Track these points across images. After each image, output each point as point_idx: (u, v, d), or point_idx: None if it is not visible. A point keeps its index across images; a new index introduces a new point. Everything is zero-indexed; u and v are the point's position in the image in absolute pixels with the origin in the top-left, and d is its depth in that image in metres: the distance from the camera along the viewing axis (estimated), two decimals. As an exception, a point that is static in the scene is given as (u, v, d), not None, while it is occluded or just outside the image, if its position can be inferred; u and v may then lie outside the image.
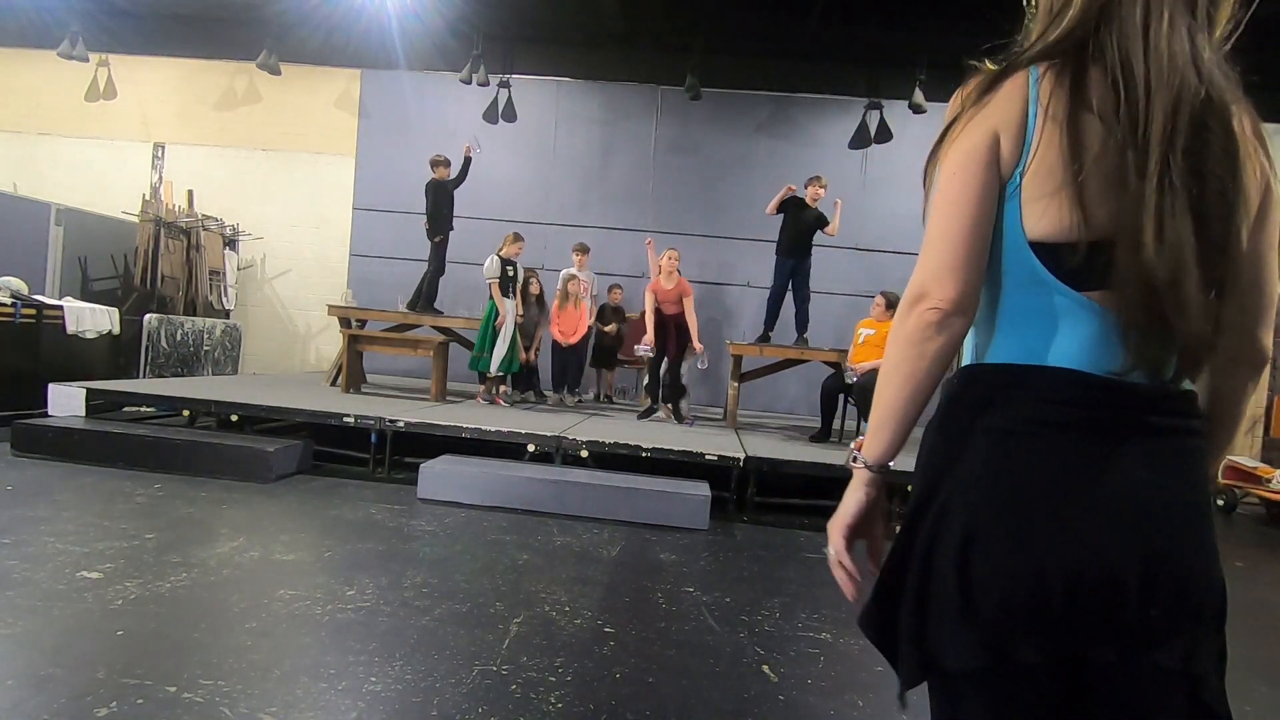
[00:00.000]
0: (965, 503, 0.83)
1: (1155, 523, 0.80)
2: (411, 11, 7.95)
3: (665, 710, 2.14)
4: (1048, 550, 0.79)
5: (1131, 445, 0.81)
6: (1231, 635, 0.86)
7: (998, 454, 0.83)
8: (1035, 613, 0.79)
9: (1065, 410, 0.81)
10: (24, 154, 9.29)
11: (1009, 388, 0.84)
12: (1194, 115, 0.79)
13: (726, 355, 6.95)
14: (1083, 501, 0.79)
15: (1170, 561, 0.80)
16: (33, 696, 1.91)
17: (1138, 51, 0.79)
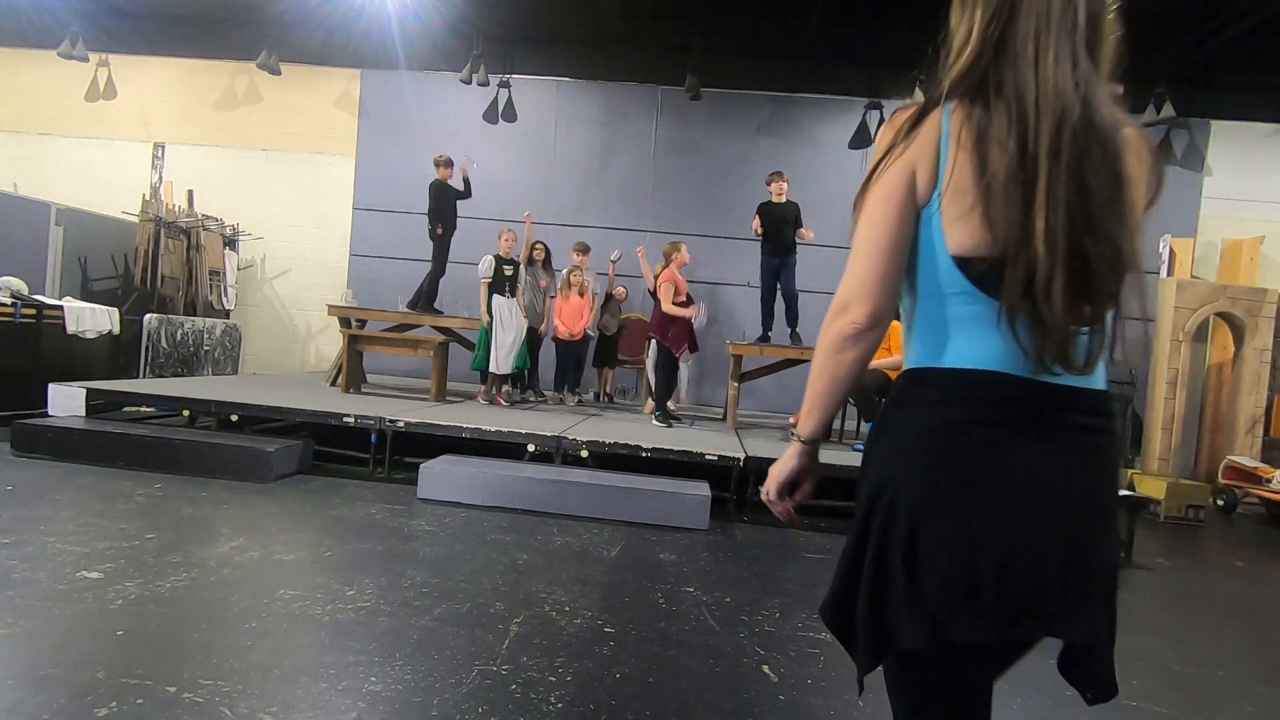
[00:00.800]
0: (910, 495, 0.92)
1: (1074, 514, 0.90)
2: (411, 11, 7.96)
3: (665, 710, 2.14)
4: (982, 538, 0.88)
5: (1052, 442, 0.91)
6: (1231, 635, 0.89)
7: (937, 451, 0.92)
8: (970, 593, 0.87)
9: (994, 410, 0.91)
10: (24, 154, 9.29)
11: (944, 389, 0.93)
12: (1078, 138, 0.88)
13: (726, 355, 6.94)
14: (1012, 494, 0.89)
15: (1086, 549, 0.90)
16: (33, 696, 1.91)
17: (1029, 83, 0.90)
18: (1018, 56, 0.92)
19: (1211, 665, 2.91)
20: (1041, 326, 0.88)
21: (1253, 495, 6.54)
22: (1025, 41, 0.91)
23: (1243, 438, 7.40)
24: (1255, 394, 7.43)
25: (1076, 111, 0.89)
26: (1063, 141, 0.88)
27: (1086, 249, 0.87)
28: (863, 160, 8.48)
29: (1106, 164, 0.90)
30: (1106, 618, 0.95)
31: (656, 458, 4.79)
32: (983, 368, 0.92)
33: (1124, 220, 0.90)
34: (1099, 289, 0.90)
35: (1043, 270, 0.86)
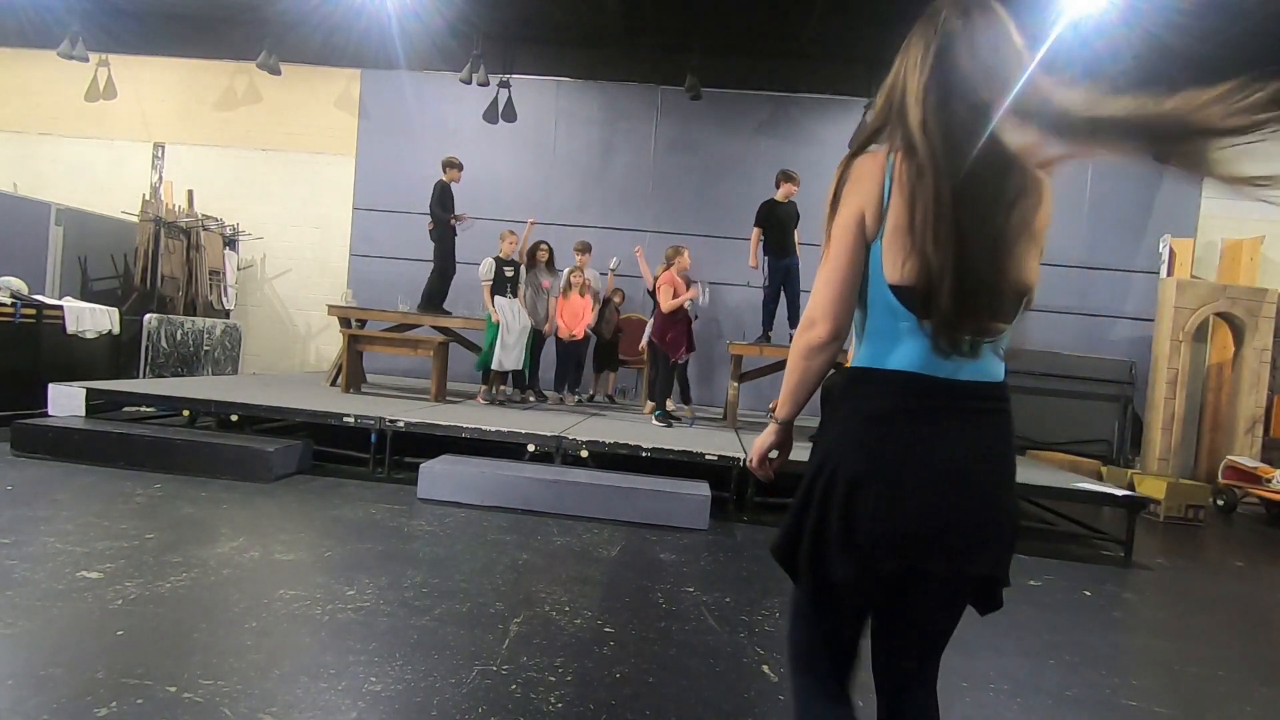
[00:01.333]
0: (847, 469, 1.16)
1: (973, 478, 1.15)
2: (411, 11, 7.95)
3: (665, 710, 2.14)
4: (900, 500, 1.13)
5: (958, 423, 1.16)
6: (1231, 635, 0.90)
7: (869, 432, 1.17)
8: (891, 541, 1.14)
9: (912, 401, 1.16)
10: (24, 154, 9.29)
11: (875, 385, 1.18)
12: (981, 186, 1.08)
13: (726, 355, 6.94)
14: (924, 466, 1.14)
15: (982, 507, 1.16)
16: (33, 696, 1.91)
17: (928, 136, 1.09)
18: (906, 113, 1.12)
19: (1211, 665, 2.91)
20: (949, 340, 1.12)
21: (1253, 495, 6.54)
22: (917, 101, 1.11)
23: (1243, 438, 7.40)
24: (1255, 394, 7.43)
25: (989, 166, 1.09)
26: (976, 192, 1.08)
27: (987, 280, 1.10)
28: (863, 160, 8.48)
29: (1006, 204, 1.10)
30: (1008, 555, 1.19)
31: (656, 458, 4.79)
32: (904, 369, 1.16)
33: (1020, 252, 1.12)
34: (997, 310, 1.13)
35: (950, 297, 1.08)
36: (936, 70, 1.11)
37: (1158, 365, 7.64)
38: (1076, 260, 8.39)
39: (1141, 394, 7.95)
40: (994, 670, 2.65)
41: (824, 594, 1.20)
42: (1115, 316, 8.37)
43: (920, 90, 1.12)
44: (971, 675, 2.58)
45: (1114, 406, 8.02)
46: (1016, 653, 2.85)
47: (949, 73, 1.10)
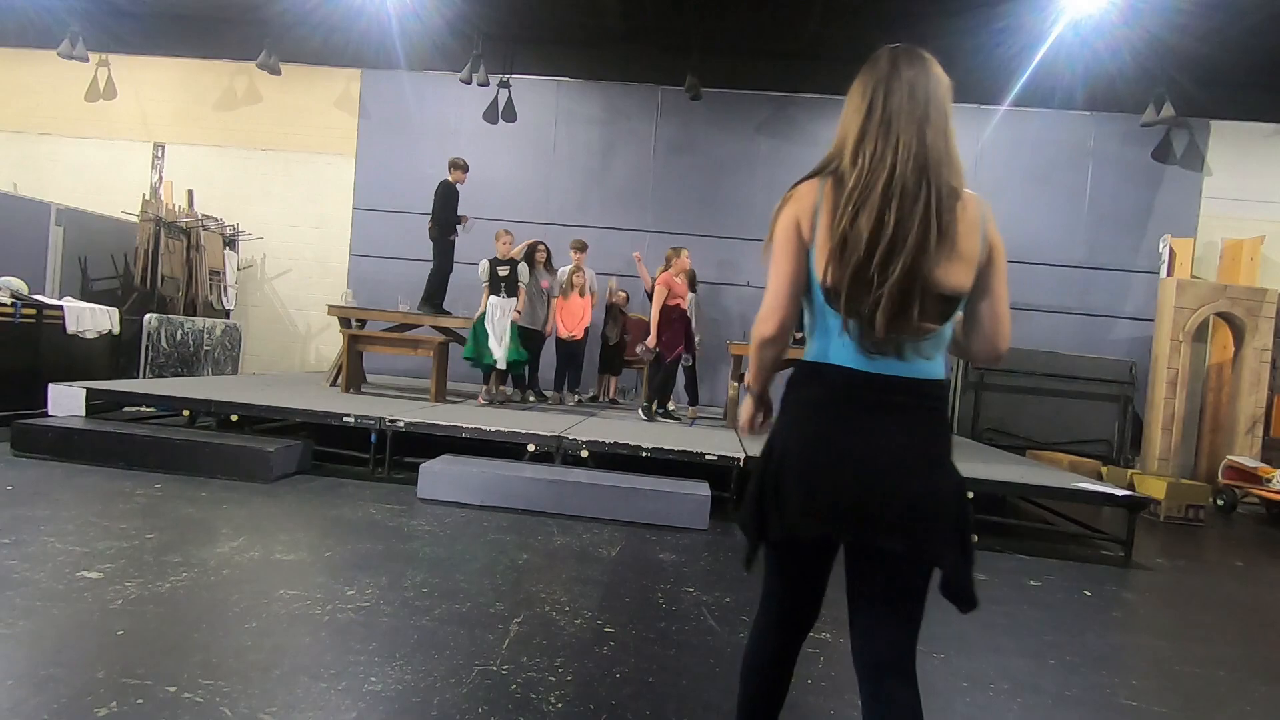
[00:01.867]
0: (784, 447, 1.36)
1: (891, 460, 1.30)
2: (411, 11, 7.95)
3: (665, 710, 2.14)
4: (825, 474, 1.31)
5: (883, 414, 1.31)
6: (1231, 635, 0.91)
7: (803, 419, 1.36)
8: (812, 510, 1.31)
9: (842, 392, 1.33)
10: (24, 154, 9.29)
11: (813, 377, 1.37)
12: (907, 208, 1.25)
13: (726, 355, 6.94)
14: (847, 449, 1.31)
15: (894, 491, 1.29)
16: (33, 696, 1.91)
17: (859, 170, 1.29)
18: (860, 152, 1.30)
19: (1211, 665, 2.91)
20: (871, 337, 1.28)
21: (1253, 495, 6.54)
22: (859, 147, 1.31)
23: (1243, 438, 7.40)
24: (1255, 394, 7.43)
25: (913, 189, 1.26)
26: (890, 211, 1.25)
27: (902, 286, 1.24)
28: (863, 160, 8.48)
29: (928, 227, 1.25)
30: (939, 540, 1.29)
31: (656, 458, 4.79)
32: (837, 363, 1.33)
33: (936, 265, 1.26)
34: (917, 314, 1.26)
35: (866, 299, 1.26)
36: (870, 110, 1.31)
37: (1158, 365, 7.64)
38: (1076, 260, 8.39)
39: (1141, 394, 7.95)
40: (994, 670, 2.65)
41: (774, 551, 1.45)
42: (1115, 316, 8.37)
43: (857, 128, 1.32)
44: (971, 675, 2.58)
45: (1114, 406, 8.02)
46: (1016, 653, 2.85)
47: (879, 112, 1.30)
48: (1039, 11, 6.97)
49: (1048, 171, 8.43)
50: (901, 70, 1.31)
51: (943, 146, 1.29)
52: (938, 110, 1.30)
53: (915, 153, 1.27)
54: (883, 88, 1.31)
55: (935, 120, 1.29)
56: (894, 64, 1.32)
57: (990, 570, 4.01)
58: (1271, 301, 7.42)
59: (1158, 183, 8.32)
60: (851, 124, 1.34)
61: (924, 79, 1.30)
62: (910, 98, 1.29)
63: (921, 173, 1.26)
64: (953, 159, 1.29)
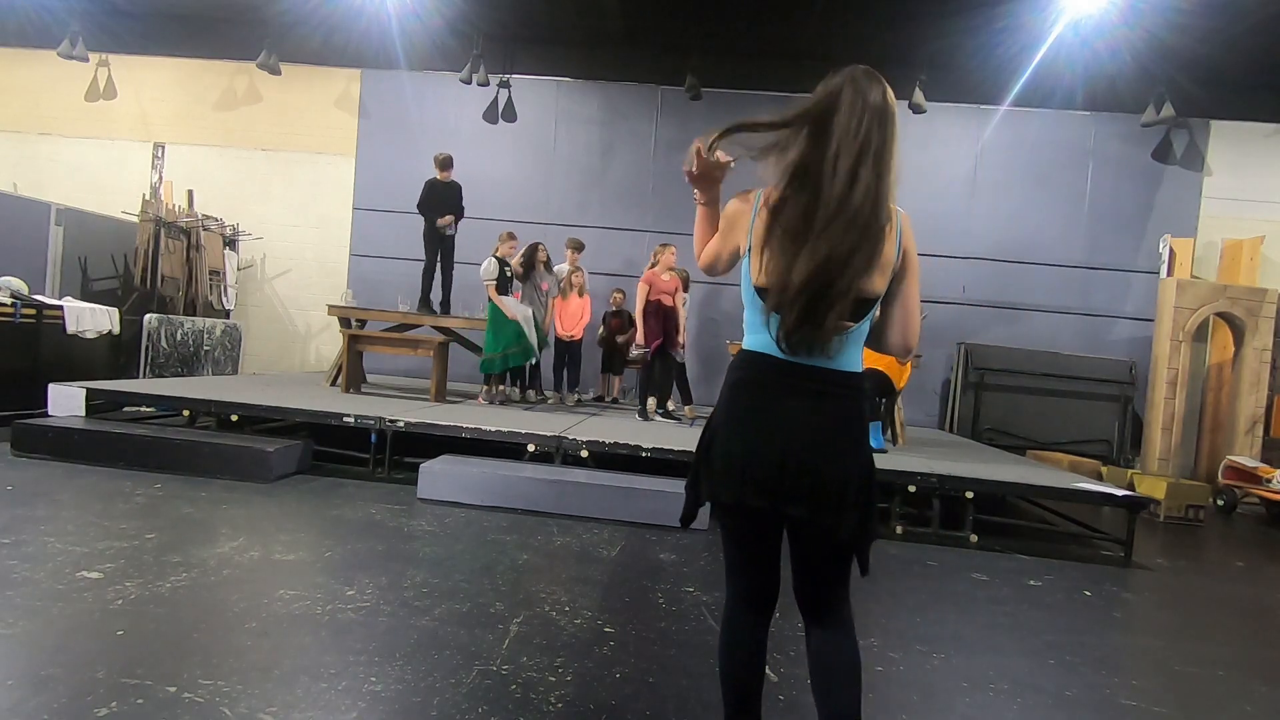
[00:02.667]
0: (714, 422, 1.57)
1: (800, 438, 1.46)
2: (411, 11, 7.95)
3: (665, 710, 2.14)
4: (742, 446, 1.49)
5: (795, 399, 1.48)
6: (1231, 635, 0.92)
7: (730, 396, 1.55)
8: (730, 477, 1.50)
9: (762, 375, 1.52)
10: (24, 154, 9.29)
11: (746, 363, 1.55)
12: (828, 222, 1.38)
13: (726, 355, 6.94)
14: (763, 425, 1.48)
15: (804, 459, 1.45)
16: (33, 696, 1.91)
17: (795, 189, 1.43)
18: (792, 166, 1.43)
19: (1211, 665, 2.91)
20: (785, 331, 1.44)
21: (1253, 495, 6.54)
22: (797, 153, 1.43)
23: (1243, 438, 7.40)
24: (1255, 394, 7.43)
25: (831, 206, 1.38)
26: (814, 224, 1.39)
27: (821, 291, 1.39)
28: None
29: (850, 240, 1.38)
30: (835, 511, 1.45)
31: (656, 458, 4.79)
32: (760, 351, 1.52)
33: (856, 275, 1.39)
34: (829, 314, 1.40)
35: (788, 299, 1.41)
36: (819, 123, 1.41)
37: (1158, 365, 7.64)
38: (1076, 260, 8.39)
39: (1141, 394, 7.95)
40: (994, 670, 2.65)
41: (720, 519, 1.65)
42: (1115, 316, 8.37)
43: (804, 139, 1.42)
44: (971, 675, 2.58)
45: (1114, 406, 8.02)
46: (1016, 653, 2.85)
47: (828, 126, 1.40)
48: (1039, 11, 6.97)
49: (1048, 171, 8.42)
50: (860, 84, 1.42)
51: (877, 170, 1.40)
52: (880, 135, 1.41)
53: (850, 177, 1.39)
54: (834, 102, 1.42)
55: (876, 144, 1.40)
56: (846, 86, 1.43)
57: (990, 570, 4.01)
58: (1271, 301, 7.42)
59: (1158, 183, 8.32)
60: (794, 136, 1.44)
61: (871, 103, 1.41)
62: (856, 122, 1.40)
63: (844, 197, 1.38)
64: (887, 182, 1.41)
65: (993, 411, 8.08)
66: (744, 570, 1.63)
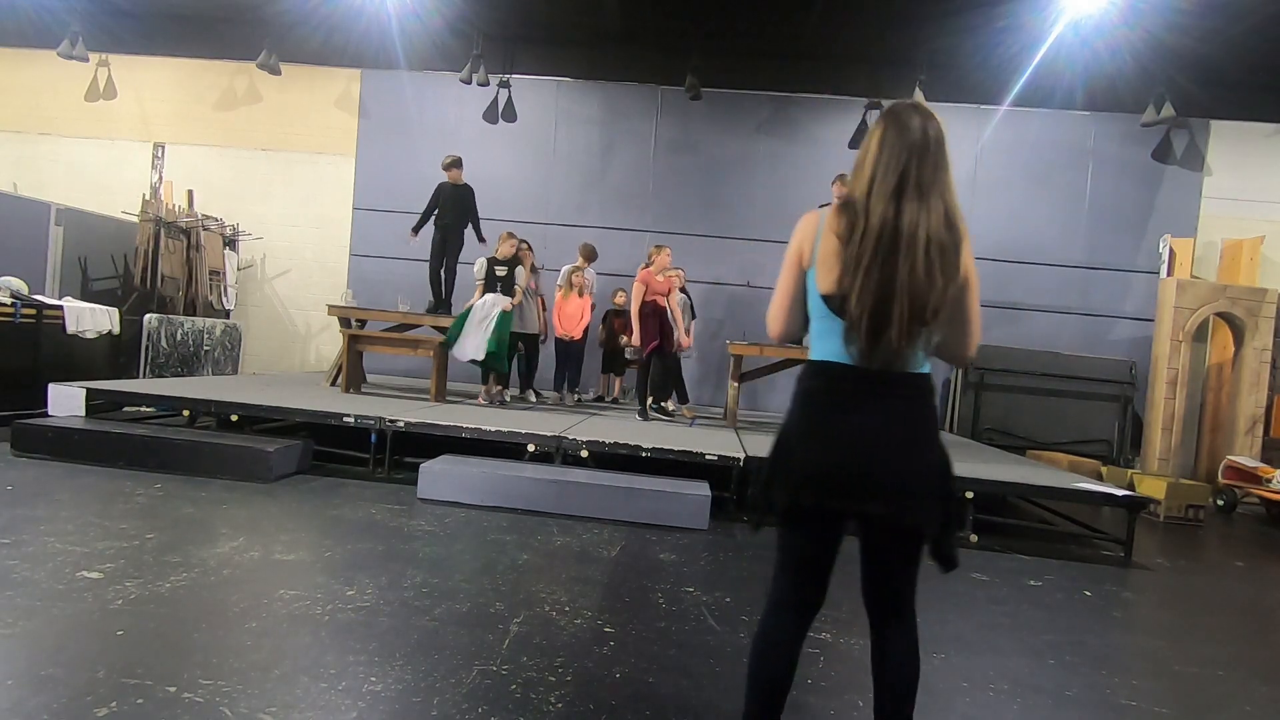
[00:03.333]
0: (789, 431, 1.62)
1: (879, 440, 1.52)
2: (411, 11, 7.96)
3: (665, 710, 2.14)
4: (819, 453, 1.55)
5: (870, 405, 1.54)
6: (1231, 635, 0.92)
7: (804, 405, 1.61)
8: (809, 482, 1.55)
9: (837, 384, 1.57)
10: (24, 154, 9.29)
11: (816, 373, 1.61)
12: (890, 243, 1.48)
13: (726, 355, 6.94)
14: (840, 432, 1.54)
15: (880, 461, 1.52)
16: (33, 696, 1.91)
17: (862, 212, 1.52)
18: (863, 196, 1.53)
19: (1211, 665, 2.91)
20: (861, 341, 1.50)
21: (1253, 495, 6.54)
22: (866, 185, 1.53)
23: (1243, 438, 7.40)
24: (1255, 394, 7.43)
25: (890, 228, 1.48)
26: (880, 244, 1.48)
27: (890, 304, 1.47)
28: (863, 160, 8.47)
29: (912, 257, 1.47)
30: (920, 509, 1.52)
31: (656, 458, 4.79)
32: (830, 359, 1.58)
33: (925, 298, 1.48)
34: (900, 326, 1.48)
35: (859, 313, 1.49)
36: (880, 151, 1.53)
37: (1158, 365, 7.64)
38: (1076, 260, 8.39)
39: (1141, 394, 7.95)
40: (994, 670, 2.65)
41: (783, 523, 1.65)
42: (1115, 316, 8.37)
43: (870, 165, 1.53)
44: (971, 675, 2.58)
45: (1114, 406, 8.02)
46: (1016, 653, 2.85)
47: (887, 152, 1.52)
48: (1039, 11, 6.97)
49: (1048, 171, 8.43)
50: (909, 114, 1.54)
51: (944, 200, 1.52)
52: (940, 165, 1.53)
53: (915, 208, 1.49)
54: (890, 131, 1.54)
55: (939, 175, 1.52)
56: (904, 109, 1.56)
57: (990, 570, 4.01)
58: (1271, 301, 7.42)
59: (1158, 183, 8.32)
60: (865, 159, 1.56)
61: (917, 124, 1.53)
62: (918, 156, 1.51)
63: (901, 219, 1.49)
64: (951, 207, 1.52)
65: (993, 411, 8.08)
66: (801, 575, 1.65)
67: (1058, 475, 5.38)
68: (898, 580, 1.61)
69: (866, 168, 1.55)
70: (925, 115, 1.54)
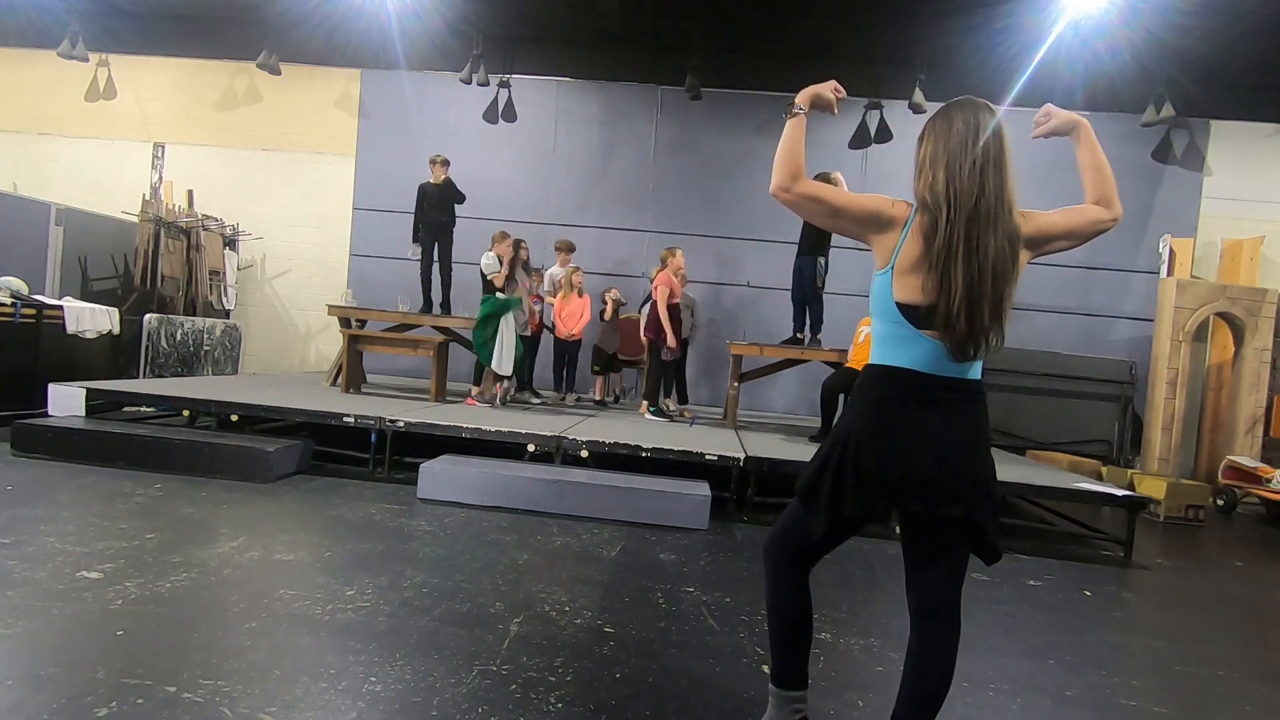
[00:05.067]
0: (859, 436, 1.64)
1: (947, 448, 1.59)
2: (411, 11, 7.96)
3: (665, 710, 2.14)
4: (891, 458, 1.60)
5: (939, 408, 1.61)
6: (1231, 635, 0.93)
7: (874, 411, 1.64)
8: (884, 486, 1.61)
9: (906, 390, 1.62)
10: (24, 154, 9.29)
11: (883, 379, 1.65)
12: (978, 239, 1.53)
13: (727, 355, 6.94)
14: (911, 436, 1.60)
15: (952, 463, 1.59)
16: (33, 696, 1.91)
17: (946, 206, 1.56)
18: (942, 190, 1.56)
19: (1211, 665, 2.91)
20: (960, 350, 1.56)
21: (1253, 495, 6.54)
22: (944, 178, 1.56)
23: (1243, 438, 7.40)
24: (1255, 394, 7.43)
25: (979, 224, 1.53)
26: (968, 243, 1.53)
27: (977, 306, 1.53)
28: (863, 160, 8.49)
29: (997, 253, 1.53)
30: (984, 508, 1.60)
31: (656, 458, 4.79)
32: (903, 366, 1.62)
33: (1003, 287, 1.54)
34: (983, 327, 1.55)
35: (952, 316, 1.54)
36: (947, 151, 1.57)
37: (1158, 365, 7.64)
38: (1076, 260, 8.38)
39: (1141, 394, 7.95)
40: (994, 670, 2.65)
41: (830, 517, 1.67)
42: (1115, 316, 8.37)
43: (943, 163, 1.57)
44: (971, 675, 2.58)
45: (1114, 406, 8.02)
46: (1016, 653, 2.85)
47: (955, 151, 1.56)
48: (1039, 11, 6.97)
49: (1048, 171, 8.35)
50: (969, 113, 1.59)
51: (1009, 194, 1.56)
52: (1005, 158, 1.57)
53: (991, 207, 1.54)
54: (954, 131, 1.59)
55: (1005, 170, 1.56)
56: (961, 107, 1.61)
57: (990, 570, 4.01)
58: (1271, 301, 7.42)
59: (1158, 183, 8.32)
60: (934, 158, 1.59)
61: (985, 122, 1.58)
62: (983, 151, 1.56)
63: (987, 212, 1.54)
64: (1014, 200, 1.57)
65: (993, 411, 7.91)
66: (818, 549, 1.81)
67: (1058, 475, 5.38)
68: (949, 578, 1.67)
69: (941, 169, 1.57)
70: (991, 112, 1.59)
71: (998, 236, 1.53)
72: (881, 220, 1.62)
